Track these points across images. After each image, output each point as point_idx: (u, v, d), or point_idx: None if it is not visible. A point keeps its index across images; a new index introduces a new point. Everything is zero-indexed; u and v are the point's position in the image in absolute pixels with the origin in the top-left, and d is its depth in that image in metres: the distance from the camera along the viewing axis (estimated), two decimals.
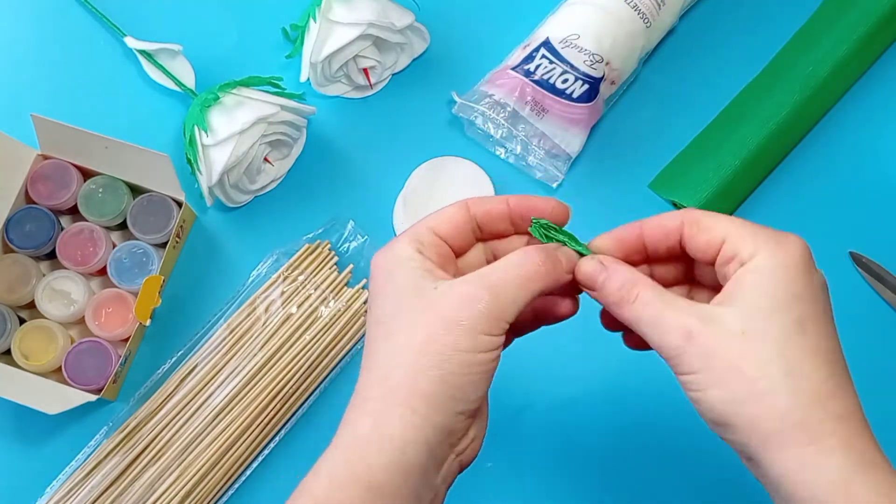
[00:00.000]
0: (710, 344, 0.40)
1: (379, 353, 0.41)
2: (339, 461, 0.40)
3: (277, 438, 0.67)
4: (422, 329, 0.40)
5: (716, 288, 0.42)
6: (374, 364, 0.41)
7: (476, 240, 0.46)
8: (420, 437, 0.40)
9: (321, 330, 0.68)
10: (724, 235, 0.42)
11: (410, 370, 0.40)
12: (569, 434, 0.68)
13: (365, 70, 0.73)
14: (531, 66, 0.70)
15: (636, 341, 0.47)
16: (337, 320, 0.69)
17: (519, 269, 0.42)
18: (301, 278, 0.70)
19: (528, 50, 0.70)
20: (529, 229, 0.46)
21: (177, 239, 0.70)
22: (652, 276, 0.45)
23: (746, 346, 0.39)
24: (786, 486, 0.39)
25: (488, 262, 0.46)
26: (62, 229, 0.70)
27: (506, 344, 0.46)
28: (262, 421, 0.66)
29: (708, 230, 0.43)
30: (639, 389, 0.69)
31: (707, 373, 0.40)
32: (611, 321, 0.48)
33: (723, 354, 0.39)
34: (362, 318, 0.69)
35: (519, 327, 0.47)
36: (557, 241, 0.46)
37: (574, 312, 0.48)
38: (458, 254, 0.46)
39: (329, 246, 0.71)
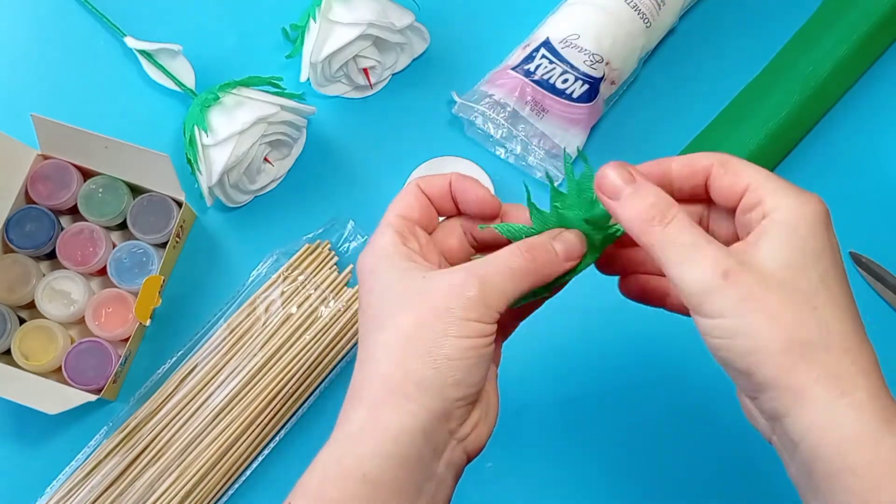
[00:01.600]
0: (750, 288, 0.38)
1: (370, 345, 0.41)
2: (332, 456, 0.40)
3: (277, 438, 0.67)
4: (412, 317, 0.40)
5: (728, 242, 0.41)
6: (366, 356, 0.41)
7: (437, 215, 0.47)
8: (415, 424, 0.39)
9: (321, 330, 0.68)
10: (749, 182, 0.41)
11: (402, 358, 0.40)
12: (569, 434, 0.68)
13: (365, 70, 0.73)
14: (531, 66, 0.70)
15: (637, 288, 0.46)
16: (337, 320, 0.69)
17: (509, 263, 0.42)
18: (301, 278, 0.70)
19: (528, 50, 0.70)
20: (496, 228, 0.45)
21: (177, 239, 0.70)
22: None
23: (784, 295, 0.38)
24: (809, 443, 0.37)
25: (470, 244, 0.47)
26: (62, 229, 0.70)
27: (509, 331, 0.47)
28: (261, 421, 0.66)
29: (735, 174, 0.41)
30: (638, 389, 0.69)
31: (739, 318, 0.37)
32: (610, 261, 0.46)
33: (761, 300, 0.37)
34: None
35: (520, 312, 0.47)
36: (516, 238, 0.44)
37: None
38: (430, 231, 0.46)
39: (329, 246, 0.71)
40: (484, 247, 0.47)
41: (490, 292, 0.41)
